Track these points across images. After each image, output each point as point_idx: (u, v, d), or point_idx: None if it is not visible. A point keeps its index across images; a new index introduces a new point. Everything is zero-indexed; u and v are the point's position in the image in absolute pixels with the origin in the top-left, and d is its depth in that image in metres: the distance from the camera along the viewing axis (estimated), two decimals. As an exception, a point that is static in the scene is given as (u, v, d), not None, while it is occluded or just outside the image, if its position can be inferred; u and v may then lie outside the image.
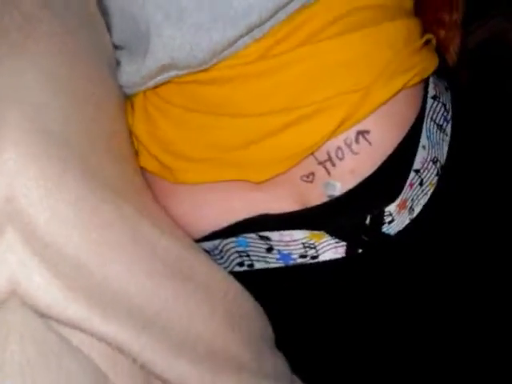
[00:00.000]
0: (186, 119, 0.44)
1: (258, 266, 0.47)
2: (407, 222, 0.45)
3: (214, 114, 0.44)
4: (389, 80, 0.42)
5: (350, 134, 0.43)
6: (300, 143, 0.42)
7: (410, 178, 0.44)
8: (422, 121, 0.45)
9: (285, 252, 0.45)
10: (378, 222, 0.44)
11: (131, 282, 0.36)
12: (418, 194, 0.45)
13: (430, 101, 0.46)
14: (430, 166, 0.45)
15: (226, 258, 0.47)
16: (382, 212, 0.44)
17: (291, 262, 0.46)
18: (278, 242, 0.45)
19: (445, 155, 0.46)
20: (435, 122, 0.46)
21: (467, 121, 0.49)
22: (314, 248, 0.45)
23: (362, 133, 0.43)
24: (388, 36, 0.43)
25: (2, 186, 0.31)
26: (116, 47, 0.45)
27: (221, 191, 0.45)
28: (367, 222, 0.44)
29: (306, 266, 0.45)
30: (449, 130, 0.47)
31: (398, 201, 0.44)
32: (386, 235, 0.45)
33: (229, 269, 0.48)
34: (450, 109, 0.48)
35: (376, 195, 0.44)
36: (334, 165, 0.43)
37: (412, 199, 0.45)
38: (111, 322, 0.34)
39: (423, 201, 0.45)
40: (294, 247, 0.45)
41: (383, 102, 0.42)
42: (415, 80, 0.44)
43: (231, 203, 0.45)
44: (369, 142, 0.43)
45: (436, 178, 0.46)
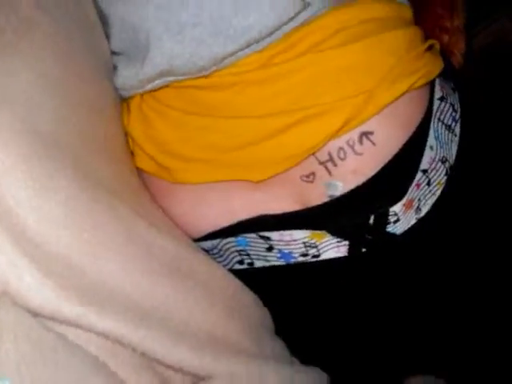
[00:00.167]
0: (185, 121, 0.44)
1: (258, 264, 0.47)
2: (414, 221, 0.45)
3: (213, 116, 0.44)
4: (392, 84, 0.42)
5: (352, 135, 0.42)
6: (301, 144, 0.42)
7: (417, 178, 0.44)
8: (429, 121, 0.45)
9: (285, 251, 0.45)
10: (383, 222, 0.44)
11: (126, 280, 0.36)
12: (426, 194, 0.45)
13: (436, 102, 0.46)
14: (438, 165, 0.45)
15: (225, 256, 0.47)
16: (386, 212, 0.44)
17: (292, 261, 0.46)
18: (279, 241, 0.45)
19: (454, 155, 0.46)
20: (443, 123, 0.46)
21: (476, 121, 0.49)
22: (315, 247, 0.44)
23: (365, 134, 0.43)
24: (390, 44, 0.43)
25: None
26: (113, 53, 0.45)
27: (220, 191, 0.45)
28: (371, 221, 0.44)
29: (307, 264, 0.45)
30: (458, 130, 0.47)
31: (404, 200, 0.44)
32: (392, 234, 0.45)
33: (228, 267, 0.47)
34: (459, 109, 0.48)
35: (380, 195, 0.44)
36: (335, 165, 0.43)
37: (419, 199, 0.45)
38: (107, 318, 0.33)
39: (431, 201, 0.45)
40: (295, 246, 0.45)
41: (387, 104, 0.42)
42: (420, 82, 0.44)
43: (231, 203, 0.45)
44: (372, 143, 0.43)
45: (445, 177, 0.46)
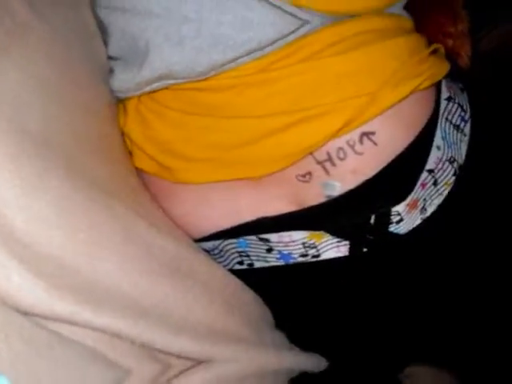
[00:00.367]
0: (185, 122, 0.44)
1: (258, 264, 0.47)
2: (419, 221, 0.44)
3: (213, 116, 0.44)
4: (396, 86, 0.42)
5: (353, 135, 0.42)
6: (299, 143, 0.42)
7: (422, 177, 0.44)
8: (436, 121, 0.45)
9: (285, 252, 0.45)
10: (384, 222, 0.44)
11: (124, 279, 0.36)
12: (432, 194, 0.45)
13: (444, 102, 0.46)
14: (445, 166, 0.45)
15: (225, 257, 0.47)
16: (388, 212, 0.43)
17: (291, 261, 0.45)
18: (278, 243, 0.45)
19: (463, 155, 0.46)
20: (451, 123, 0.46)
21: (487, 120, 0.49)
22: (314, 248, 0.44)
23: (366, 134, 0.42)
24: (391, 50, 0.43)
25: None
26: (110, 57, 0.46)
27: (222, 191, 0.45)
28: (372, 221, 0.44)
29: (307, 264, 0.45)
30: (467, 130, 0.47)
31: (408, 200, 0.43)
32: (395, 234, 0.44)
33: (228, 267, 0.47)
34: (468, 109, 0.47)
35: (381, 195, 0.43)
36: (334, 165, 0.42)
37: (424, 199, 0.44)
38: (104, 315, 0.33)
39: (438, 201, 0.45)
40: (294, 247, 0.45)
41: (390, 106, 0.42)
42: (425, 84, 0.44)
43: (234, 204, 0.45)
44: (374, 143, 0.42)
45: (453, 177, 0.45)
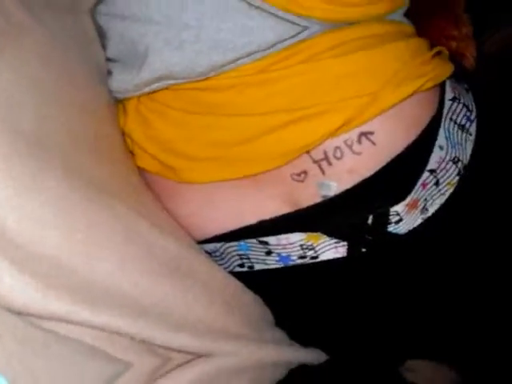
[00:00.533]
0: (186, 121, 0.44)
1: (258, 267, 0.46)
2: (419, 221, 0.44)
3: (214, 114, 0.44)
4: (397, 86, 0.42)
5: (351, 134, 0.42)
6: (297, 141, 0.42)
7: (423, 177, 0.43)
8: (440, 122, 0.44)
9: (284, 254, 0.45)
10: (382, 222, 0.43)
11: (123, 279, 0.36)
12: (433, 194, 0.44)
13: (448, 103, 0.46)
14: (448, 166, 0.44)
15: (226, 259, 0.47)
16: (386, 212, 0.43)
17: (291, 263, 0.45)
18: (276, 245, 0.45)
19: (468, 155, 0.45)
20: (455, 123, 0.45)
21: (493, 120, 0.49)
22: (312, 249, 0.44)
23: (365, 134, 0.42)
24: (393, 52, 0.43)
25: None
26: (108, 59, 0.46)
27: (227, 190, 0.45)
28: (369, 221, 0.43)
29: (305, 265, 0.45)
30: (473, 130, 0.46)
31: (407, 200, 0.43)
32: (394, 234, 0.44)
33: (229, 269, 0.47)
34: (474, 109, 0.47)
35: (379, 195, 0.43)
36: (330, 164, 0.42)
37: (425, 199, 0.44)
38: (102, 314, 0.33)
39: (440, 201, 0.44)
40: (292, 249, 0.44)
41: (391, 106, 0.42)
42: (428, 85, 0.44)
43: (236, 204, 0.45)
44: (372, 143, 0.42)
45: (457, 177, 0.45)
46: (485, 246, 0.46)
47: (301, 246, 0.44)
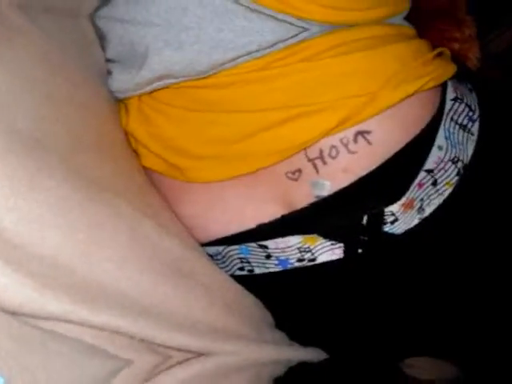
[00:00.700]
0: (187, 118, 0.45)
1: (258, 271, 0.47)
2: (416, 221, 0.44)
3: (214, 111, 0.44)
4: (397, 86, 0.42)
5: (347, 133, 0.42)
6: (295, 138, 0.42)
7: (420, 177, 0.43)
8: (440, 122, 0.44)
9: (282, 258, 0.45)
10: (378, 222, 0.43)
11: (124, 279, 0.36)
12: (430, 194, 0.44)
13: (449, 102, 0.45)
14: (447, 166, 0.44)
15: (227, 263, 0.47)
16: (381, 212, 0.43)
17: (289, 266, 0.45)
18: (275, 249, 0.45)
19: (469, 155, 0.45)
20: (457, 123, 0.45)
21: (497, 120, 0.48)
22: (309, 251, 0.44)
23: (361, 133, 0.42)
24: (393, 53, 0.43)
25: None
26: (108, 60, 0.46)
27: (231, 189, 0.45)
28: (364, 221, 0.43)
29: (304, 268, 0.45)
30: (475, 130, 0.46)
31: (403, 200, 0.43)
32: (390, 235, 0.44)
33: (229, 273, 0.47)
34: (477, 109, 0.47)
35: (373, 195, 0.43)
36: (324, 163, 0.42)
37: (421, 199, 0.44)
38: (102, 314, 0.33)
39: (437, 201, 0.44)
40: (290, 253, 0.44)
41: (390, 106, 0.42)
42: (429, 85, 0.44)
43: (240, 204, 0.45)
44: (368, 142, 0.42)
45: (456, 177, 0.44)
46: (485, 246, 0.45)
47: (298, 248, 0.44)
